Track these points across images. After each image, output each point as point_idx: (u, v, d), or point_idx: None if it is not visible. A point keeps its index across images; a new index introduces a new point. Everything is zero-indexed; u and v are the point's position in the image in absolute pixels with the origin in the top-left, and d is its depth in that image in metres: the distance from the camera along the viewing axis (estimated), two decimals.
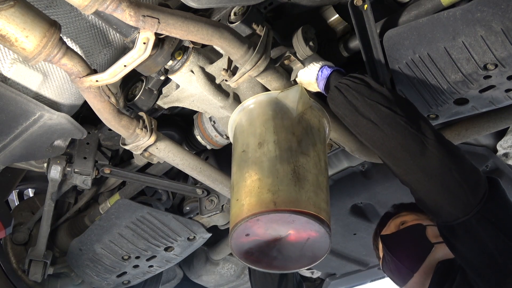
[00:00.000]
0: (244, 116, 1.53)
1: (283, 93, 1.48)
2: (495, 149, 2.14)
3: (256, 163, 1.38)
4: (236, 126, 1.56)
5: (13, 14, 1.22)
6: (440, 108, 1.50)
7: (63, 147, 1.85)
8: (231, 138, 1.59)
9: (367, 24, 1.55)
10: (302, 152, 1.38)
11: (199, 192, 2.22)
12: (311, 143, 1.42)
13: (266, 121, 1.45)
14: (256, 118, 1.48)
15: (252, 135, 1.46)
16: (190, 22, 1.30)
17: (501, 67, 1.32)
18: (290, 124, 1.43)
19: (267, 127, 1.43)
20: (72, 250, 2.43)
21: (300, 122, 1.44)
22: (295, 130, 1.42)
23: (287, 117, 1.45)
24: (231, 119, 1.56)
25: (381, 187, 2.33)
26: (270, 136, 1.41)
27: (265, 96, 1.50)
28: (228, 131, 1.60)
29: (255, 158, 1.39)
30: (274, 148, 1.37)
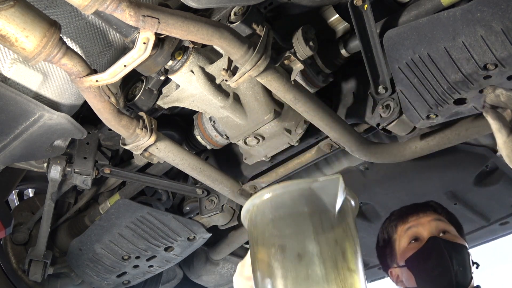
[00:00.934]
0: (269, 207, 1.11)
1: (320, 184, 1.10)
2: (495, 149, 2.14)
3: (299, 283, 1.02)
4: (256, 217, 1.12)
5: (13, 14, 1.22)
6: (440, 108, 1.50)
7: (63, 147, 1.85)
8: (245, 226, 1.18)
9: (367, 24, 1.55)
10: (349, 268, 1.05)
11: (199, 192, 2.22)
12: (353, 251, 1.08)
13: (303, 221, 1.07)
14: (288, 215, 1.09)
15: (285, 238, 1.07)
16: (190, 22, 1.30)
17: (501, 67, 1.32)
18: (331, 227, 1.07)
19: (305, 232, 1.06)
20: (72, 250, 2.43)
21: (340, 223, 1.09)
22: (337, 236, 1.07)
23: (326, 217, 1.08)
24: (251, 204, 1.13)
25: (381, 187, 2.34)
26: (312, 245, 1.04)
27: (297, 185, 1.09)
28: (243, 219, 1.19)
29: (295, 275, 1.03)
30: (318, 264, 1.02)
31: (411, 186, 2.31)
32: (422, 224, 1.83)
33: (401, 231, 1.86)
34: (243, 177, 2.14)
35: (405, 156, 1.82)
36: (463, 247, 1.79)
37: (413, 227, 1.84)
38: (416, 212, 1.87)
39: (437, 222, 1.83)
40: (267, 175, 2.06)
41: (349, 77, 1.89)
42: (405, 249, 1.82)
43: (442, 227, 1.82)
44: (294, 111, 1.74)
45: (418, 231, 1.82)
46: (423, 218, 1.84)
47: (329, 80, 1.78)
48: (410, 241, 1.82)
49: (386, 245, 1.90)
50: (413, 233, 1.82)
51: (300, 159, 1.95)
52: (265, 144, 1.85)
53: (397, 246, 1.86)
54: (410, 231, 1.83)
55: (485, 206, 2.42)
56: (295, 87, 1.54)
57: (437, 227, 1.82)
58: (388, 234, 1.90)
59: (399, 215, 1.91)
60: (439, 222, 1.83)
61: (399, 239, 1.85)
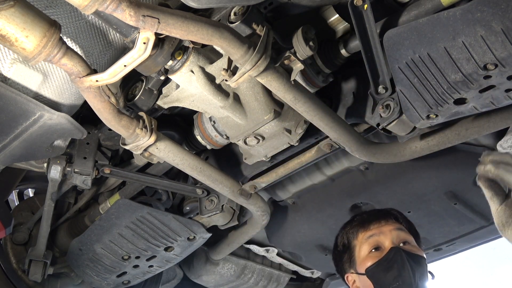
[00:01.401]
0: None
1: None
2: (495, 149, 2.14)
3: None
4: None
5: (13, 14, 1.23)
6: (440, 108, 1.50)
7: (63, 147, 1.85)
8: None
9: (367, 24, 1.55)
10: None
11: (199, 192, 2.22)
12: None
13: None
14: None
15: None
16: (190, 22, 1.31)
17: (501, 67, 1.32)
18: None
19: None
20: (72, 250, 2.43)
21: None
22: None
23: None
24: None
25: (381, 187, 2.33)
26: None
27: None
28: None
29: None
30: None
31: (411, 186, 2.31)
32: (383, 233, 1.81)
33: (362, 238, 1.83)
34: (243, 177, 2.15)
35: (405, 156, 1.82)
36: (423, 259, 1.80)
37: (375, 236, 1.81)
38: (378, 220, 1.85)
39: (398, 232, 1.82)
40: (267, 175, 2.06)
41: (349, 77, 1.89)
42: (366, 257, 1.80)
43: (403, 237, 1.81)
44: (294, 111, 1.74)
45: (379, 240, 1.80)
46: (385, 227, 1.82)
47: (329, 80, 1.78)
48: (371, 250, 1.80)
49: (345, 251, 1.88)
50: (375, 242, 1.80)
51: (300, 159, 1.95)
52: (265, 144, 1.85)
53: (357, 253, 1.84)
54: (372, 239, 1.81)
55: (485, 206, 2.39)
56: (295, 87, 1.54)
57: (398, 236, 1.80)
58: (348, 240, 1.88)
59: (361, 221, 1.88)
60: (401, 232, 1.82)
61: (360, 246, 1.83)
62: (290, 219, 2.62)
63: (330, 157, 2.32)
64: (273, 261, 3.08)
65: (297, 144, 1.85)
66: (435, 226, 2.54)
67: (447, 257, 2.86)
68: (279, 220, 2.64)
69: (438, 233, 2.60)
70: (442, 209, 2.42)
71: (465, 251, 2.81)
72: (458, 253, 2.83)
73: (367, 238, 1.82)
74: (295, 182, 2.49)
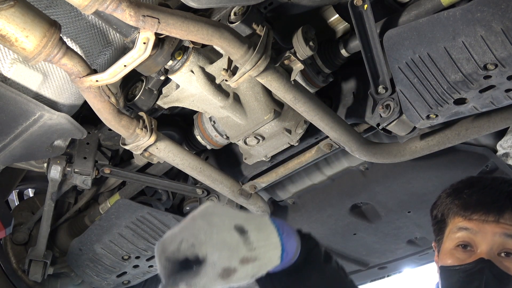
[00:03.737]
0: None
1: None
2: (495, 149, 2.14)
3: None
4: None
5: (13, 14, 1.22)
6: (440, 108, 1.50)
7: (63, 147, 1.85)
8: None
9: (367, 24, 1.55)
10: None
11: (199, 192, 2.22)
12: None
13: None
14: None
15: None
16: (190, 22, 1.31)
17: (501, 67, 1.32)
18: None
19: None
20: (72, 250, 2.43)
21: None
22: None
23: None
24: None
25: (381, 187, 2.33)
26: None
27: None
28: None
29: None
30: None
31: (411, 186, 2.31)
32: (484, 233, 1.39)
33: (455, 224, 1.44)
34: (243, 177, 2.14)
35: (405, 156, 1.82)
36: None
37: (469, 232, 1.40)
38: (487, 211, 1.40)
39: (505, 239, 1.37)
40: (267, 175, 2.06)
41: (349, 77, 1.89)
42: (449, 251, 1.44)
43: (508, 247, 1.37)
44: (294, 111, 1.74)
45: (475, 239, 1.39)
46: (490, 226, 1.39)
47: (329, 80, 1.78)
48: (458, 245, 1.41)
49: (436, 223, 1.52)
50: (465, 240, 1.41)
51: (300, 159, 1.95)
52: (265, 144, 1.85)
53: (446, 237, 1.47)
54: (465, 234, 1.41)
55: None
56: (295, 87, 1.54)
57: (502, 244, 1.37)
58: (443, 216, 1.49)
59: (466, 203, 1.44)
60: (508, 239, 1.37)
61: (449, 232, 1.45)
62: (290, 219, 2.61)
63: (330, 157, 2.32)
64: None
65: (297, 144, 1.85)
66: None
67: None
68: None
69: None
70: None
71: None
72: None
73: (460, 229, 1.42)
74: (295, 182, 2.49)
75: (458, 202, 1.47)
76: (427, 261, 2.90)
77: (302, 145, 1.95)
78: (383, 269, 2.96)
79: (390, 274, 3.08)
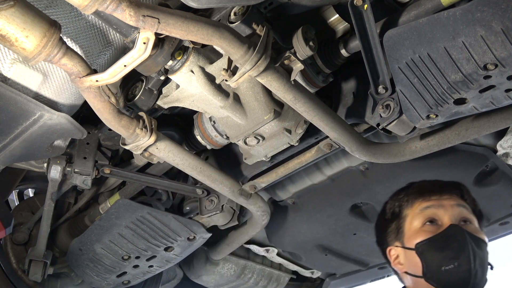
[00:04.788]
0: None
1: None
2: (495, 149, 2.14)
3: None
4: None
5: (13, 14, 1.22)
6: (440, 108, 1.50)
7: (63, 147, 1.85)
8: None
9: (367, 24, 1.55)
10: None
11: (199, 192, 2.22)
12: None
13: None
14: None
15: None
16: (190, 22, 1.31)
17: (501, 67, 1.32)
18: None
19: None
20: (72, 250, 2.43)
21: None
22: None
23: None
24: None
25: (381, 187, 2.33)
26: None
27: None
28: None
29: None
30: None
31: None
32: (444, 206, 1.59)
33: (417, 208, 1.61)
34: (243, 177, 2.15)
35: (405, 156, 1.82)
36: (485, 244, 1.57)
37: (433, 207, 1.59)
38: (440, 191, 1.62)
39: (461, 208, 1.59)
40: (267, 175, 2.06)
41: (349, 77, 1.90)
42: (418, 230, 1.58)
43: (465, 216, 1.58)
44: (294, 111, 1.74)
45: (438, 213, 1.58)
46: (447, 201, 1.60)
47: (329, 80, 1.78)
48: (426, 223, 1.58)
49: (393, 219, 1.66)
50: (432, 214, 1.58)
51: (300, 159, 1.95)
52: (265, 144, 1.85)
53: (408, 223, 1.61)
54: (429, 211, 1.59)
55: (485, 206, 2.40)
56: (295, 87, 1.54)
57: (460, 214, 1.57)
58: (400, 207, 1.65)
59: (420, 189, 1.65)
60: (463, 209, 1.59)
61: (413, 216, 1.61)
62: (290, 219, 2.62)
63: (330, 157, 2.32)
64: (273, 261, 3.08)
65: (297, 144, 1.85)
66: None
67: None
68: (279, 220, 2.64)
69: None
70: None
71: None
72: None
73: (423, 209, 1.60)
74: (295, 182, 2.49)
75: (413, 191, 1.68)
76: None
77: (302, 145, 1.95)
78: (383, 269, 2.96)
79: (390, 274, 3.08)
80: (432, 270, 1.53)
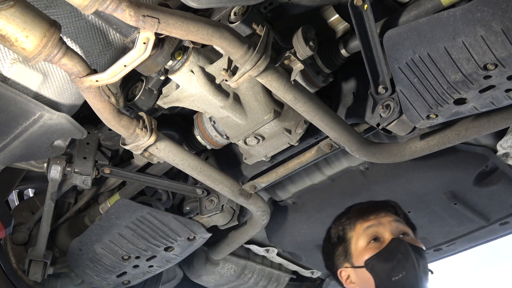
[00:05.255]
0: None
1: None
2: (495, 149, 2.14)
3: None
4: None
5: (13, 14, 1.22)
6: (440, 108, 1.50)
7: (63, 147, 1.85)
8: None
9: (367, 24, 1.55)
10: None
11: (199, 192, 2.22)
12: None
13: None
14: None
15: None
16: (190, 22, 1.31)
17: (501, 67, 1.32)
18: None
19: None
20: (72, 250, 2.43)
21: None
22: None
23: None
24: None
25: (381, 187, 2.33)
26: None
27: None
28: None
29: None
30: None
31: (411, 186, 2.31)
32: (383, 224, 1.75)
33: (359, 229, 1.76)
34: (243, 177, 2.15)
35: (405, 156, 1.82)
36: (424, 251, 1.75)
37: (374, 226, 1.74)
38: (377, 211, 1.78)
39: (397, 223, 1.76)
40: (267, 175, 2.06)
41: (349, 77, 1.90)
42: (364, 249, 1.72)
43: (402, 229, 1.76)
44: (294, 111, 1.74)
45: (379, 230, 1.74)
46: (384, 218, 1.76)
47: (329, 80, 1.78)
48: (370, 241, 1.73)
49: (340, 243, 1.79)
50: (374, 233, 1.73)
51: (300, 159, 1.95)
52: (265, 144, 1.85)
53: (354, 245, 1.76)
54: (371, 230, 1.74)
55: (485, 206, 2.42)
56: (295, 87, 1.54)
57: (397, 228, 1.75)
58: (344, 231, 1.79)
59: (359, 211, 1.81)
60: (399, 223, 1.77)
61: (357, 238, 1.75)
62: (290, 219, 2.62)
63: (330, 157, 2.32)
64: (273, 261, 3.08)
65: (297, 144, 1.85)
66: (435, 226, 2.54)
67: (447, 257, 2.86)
68: (279, 220, 2.64)
69: (438, 233, 2.60)
70: (442, 209, 2.42)
71: (465, 251, 2.81)
72: (458, 253, 2.83)
73: (365, 229, 1.75)
74: (295, 182, 2.49)
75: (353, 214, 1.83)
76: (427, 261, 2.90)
77: (302, 145, 1.95)
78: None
79: None
80: (384, 282, 1.68)
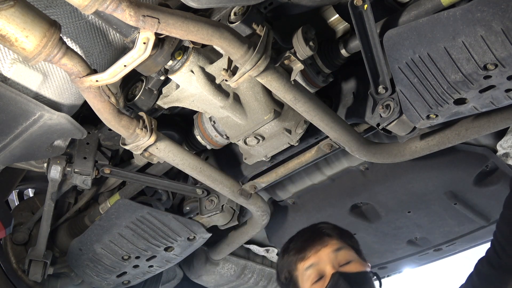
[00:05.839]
0: None
1: None
2: (495, 149, 2.14)
3: None
4: None
5: (13, 14, 1.22)
6: (440, 108, 1.50)
7: (63, 147, 1.85)
8: None
9: (367, 24, 1.55)
10: None
11: (199, 192, 2.22)
12: None
13: None
14: None
15: None
16: (190, 22, 1.31)
17: (501, 67, 1.32)
18: None
19: None
20: (72, 250, 2.43)
21: None
22: None
23: None
24: None
25: (381, 187, 2.33)
26: None
27: None
28: None
29: None
30: None
31: (411, 186, 2.31)
32: (322, 259, 1.73)
33: (301, 269, 1.75)
34: (243, 177, 2.15)
35: (405, 156, 1.82)
36: (366, 273, 1.73)
37: (314, 265, 1.73)
38: (314, 245, 1.76)
39: (336, 253, 1.73)
40: (267, 175, 2.06)
41: (349, 77, 1.90)
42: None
43: (342, 258, 1.73)
44: (294, 111, 1.74)
45: (319, 268, 1.72)
46: (322, 251, 1.74)
47: (329, 80, 1.78)
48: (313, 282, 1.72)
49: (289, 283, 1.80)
50: (315, 272, 1.72)
51: (300, 159, 1.95)
52: (265, 144, 1.85)
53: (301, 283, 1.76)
54: (312, 269, 1.73)
55: (485, 206, 2.42)
56: (295, 87, 1.54)
57: (336, 258, 1.72)
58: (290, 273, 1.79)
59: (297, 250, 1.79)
60: (339, 252, 1.74)
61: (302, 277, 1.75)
62: (290, 219, 2.62)
63: (330, 157, 2.32)
64: (273, 261, 3.08)
65: (297, 144, 1.85)
66: (435, 226, 2.54)
67: (447, 257, 2.87)
68: (279, 220, 2.64)
69: (438, 233, 2.60)
70: (442, 209, 2.42)
71: (465, 251, 2.81)
72: (458, 253, 2.83)
73: (307, 269, 1.74)
74: (295, 182, 2.49)
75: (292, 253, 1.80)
76: (427, 261, 2.91)
77: (302, 145, 1.95)
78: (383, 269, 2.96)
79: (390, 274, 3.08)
80: None
